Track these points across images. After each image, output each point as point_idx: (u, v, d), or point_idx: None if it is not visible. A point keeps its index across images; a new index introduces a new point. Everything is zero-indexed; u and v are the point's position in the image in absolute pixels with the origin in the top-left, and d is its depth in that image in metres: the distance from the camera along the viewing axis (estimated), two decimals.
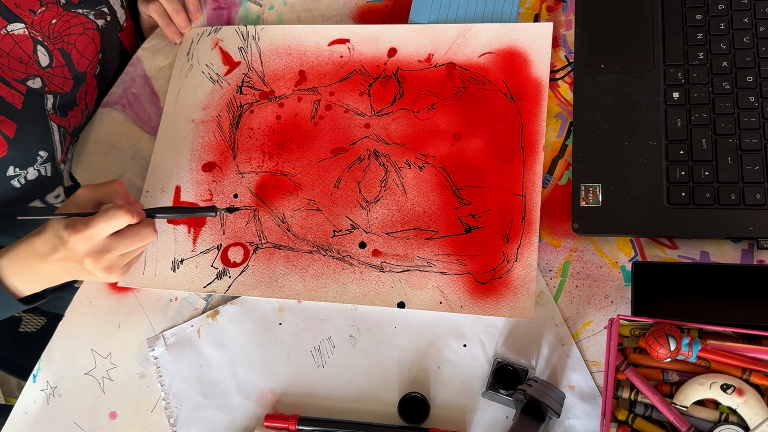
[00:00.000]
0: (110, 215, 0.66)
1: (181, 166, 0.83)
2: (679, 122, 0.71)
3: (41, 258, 0.69)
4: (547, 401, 0.61)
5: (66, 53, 0.80)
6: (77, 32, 0.81)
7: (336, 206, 0.77)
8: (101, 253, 0.68)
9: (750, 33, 0.72)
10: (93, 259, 0.68)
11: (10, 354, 1.00)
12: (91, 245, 0.67)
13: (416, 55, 0.82)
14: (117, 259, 0.69)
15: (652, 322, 0.60)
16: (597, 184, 0.71)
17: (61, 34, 0.78)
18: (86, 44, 0.83)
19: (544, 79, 0.77)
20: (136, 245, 0.69)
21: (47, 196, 0.83)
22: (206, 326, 0.75)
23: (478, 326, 0.70)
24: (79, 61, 0.82)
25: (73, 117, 0.84)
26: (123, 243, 0.68)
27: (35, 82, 0.77)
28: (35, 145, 0.78)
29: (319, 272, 0.74)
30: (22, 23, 0.75)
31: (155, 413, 0.74)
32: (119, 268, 0.71)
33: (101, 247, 0.67)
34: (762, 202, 0.66)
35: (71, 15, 0.80)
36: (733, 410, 0.58)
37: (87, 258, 0.68)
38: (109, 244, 0.68)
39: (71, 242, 0.66)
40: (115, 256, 0.69)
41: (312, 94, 0.83)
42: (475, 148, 0.76)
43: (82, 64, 0.83)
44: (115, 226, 0.67)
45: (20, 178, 0.77)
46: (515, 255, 0.71)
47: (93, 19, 0.83)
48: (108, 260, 0.68)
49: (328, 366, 0.72)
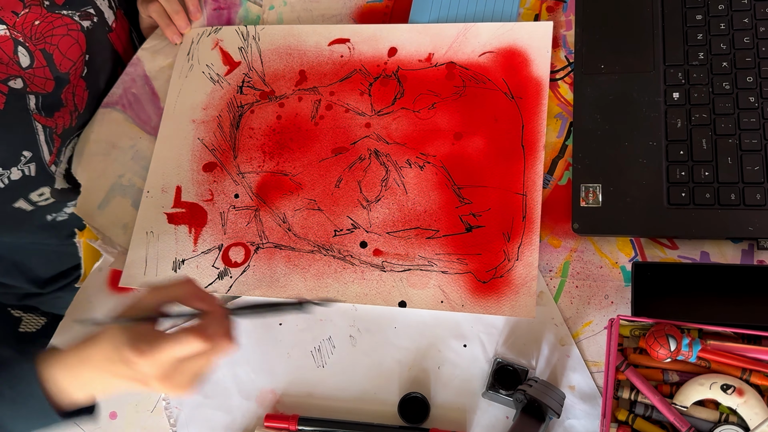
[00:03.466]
0: (181, 340, 0.57)
1: (181, 167, 0.83)
2: (679, 122, 0.71)
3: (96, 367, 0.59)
4: (547, 401, 0.61)
5: (48, 54, 0.80)
6: (60, 33, 0.81)
7: (337, 206, 0.77)
8: (171, 376, 0.58)
9: (750, 33, 0.72)
10: (161, 381, 0.58)
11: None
12: (160, 369, 0.58)
13: (416, 54, 0.82)
14: (190, 377, 0.59)
15: (652, 323, 0.61)
16: (597, 184, 0.71)
17: (43, 35, 0.78)
18: (70, 45, 0.83)
19: (544, 78, 0.77)
20: (213, 358, 0.59)
21: (30, 195, 0.83)
22: None
23: (478, 326, 0.70)
24: (61, 62, 0.82)
25: (60, 118, 0.84)
26: (197, 363, 0.59)
27: (16, 82, 0.77)
28: (18, 145, 0.78)
29: (321, 272, 0.74)
30: (3, 25, 0.75)
31: (155, 413, 0.74)
32: (191, 383, 0.60)
33: (172, 369, 0.58)
34: (762, 202, 0.66)
35: (55, 16, 0.80)
36: (733, 410, 0.58)
37: (155, 381, 0.58)
38: (180, 364, 0.58)
39: (138, 365, 0.57)
40: (188, 374, 0.59)
41: (312, 94, 0.83)
42: (475, 147, 0.76)
43: (64, 65, 0.83)
44: (186, 351, 0.57)
45: (3, 178, 0.77)
46: (516, 254, 0.71)
47: (78, 20, 0.83)
48: (179, 380, 0.59)
49: (328, 366, 0.72)
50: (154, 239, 0.80)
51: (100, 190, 0.85)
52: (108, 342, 0.58)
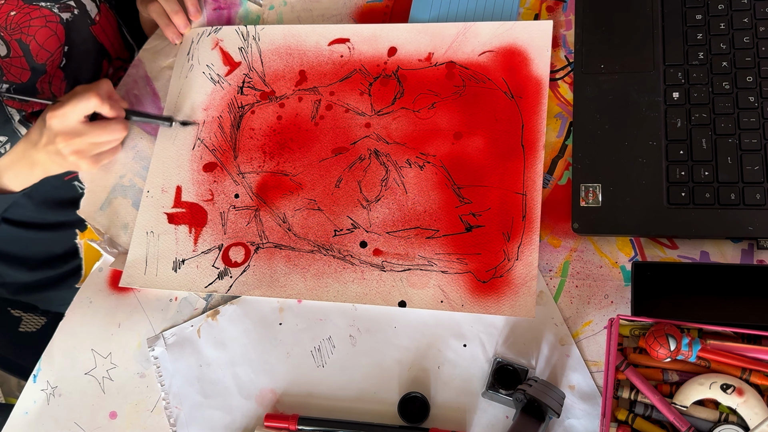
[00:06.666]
0: (82, 96, 0.74)
1: (182, 167, 0.83)
2: (679, 122, 0.71)
3: (34, 146, 0.77)
4: (547, 401, 0.61)
5: (24, 44, 0.81)
6: (38, 24, 0.82)
7: (337, 206, 0.77)
8: (72, 135, 0.75)
9: (750, 33, 0.72)
10: (64, 139, 0.75)
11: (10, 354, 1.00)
12: (64, 125, 0.74)
13: (416, 54, 0.82)
14: (87, 146, 0.76)
15: (652, 322, 0.61)
16: (597, 184, 0.71)
17: (20, 26, 0.80)
18: (47, 37, 0.83)
19: (544, 78, 0.77)
20: (105, 136, 0.77)
21: None
22: (206, 326, 0.76)
23: (478, 326, 0.70)
24: (38, 53, 0.83)
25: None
26: (93, 130, 0.76)
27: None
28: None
29: (321, 272, 0.74)
30: None
31: (155, 413, 0.74)
32: (89, 157, 0.78)
33: (73, 129, 0.75)
34: (762, 202, 0.66)
35: (32, 8, 0.81)
36: (733, 410, 0.58)
37: (59, 137, 0.74)
38: (81, 128, 0.75)
39: (48, 121, 0.74)
40: (86, 142, 0.76)
41: (312, 94, 0.83)
42: (475, 147, 0.76)
43: (41, 56, 0.83)
44: (85, 107, 0.74)
45: None
46: (516, 253, 0.71)
47: (57, 12, 0.84)
48: (78, 144, 0.75)
49: (328, 366, 0.72)
50: (155, 239, 0.80)
51: (102, 191, 0.85)
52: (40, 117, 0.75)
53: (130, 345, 0.77)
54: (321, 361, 0.72)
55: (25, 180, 0.82)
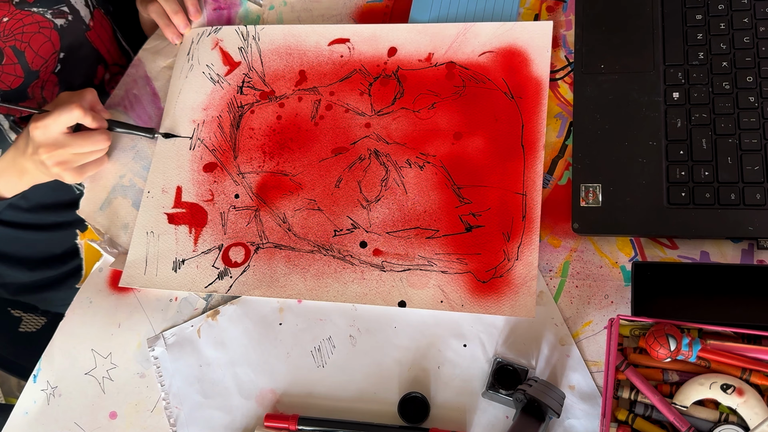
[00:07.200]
0: (65, 108, 0.73)
1: (182, 167, 0.83)
2: (679, 122, 0.71)
3: (22, 154, 0.77)
4: (547, 401, 0.61)
5: (19, 51, 0.81)
6: (32, 31, 0.82)
7: (337, 206, 0.77)
8: (55, 146, 0.75)
9: (750, 33, 0.72)
10: (47, 150, 0.75)
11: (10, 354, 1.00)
12: (46, 136, 0.74)
13: (416, 54, 0.82)
14: (70, 157, 0.76)
15: (652, 322, 0.61)
16: (597, 184, 0.71)
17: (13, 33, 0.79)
18: (42, 43, 0.83)
19: (544, 78, 0.77)
20: (87, 146, 0.77)
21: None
22: (206, 326, 0.76)
23: (478, 326, 0.70)
24: (33, 59, 0.83)
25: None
26: (76, 141, 0.76)
27: None
28: None
29: (320, 272, 0.74)
30: None
31: (155, 413, 0.74)
32: (72, 168, 0.78)
33: (55, 141, 0.74)
34: (762, 202, 0.66)
35: (25, 14, 0.81)
36: (733, 410, 0.58)
37: (41, 148, 0.74)
38: (64, 140, 0.75)
39: (31, 132, 0.74)
40: (68, 153, 0.76)
41: (312, 94, 0.83)
42: (475, 147, 0.76)
43: (36, 63, 0.84)
44: (67, 118, 0.74)
45: None
46: (516, 253, 0.71)
47: (50, 18, 0.83)
48: (61, 155, 0.75)
49: (328, 366, 0.72)
50: (155, 239, 0.80)
51: (102, 191, 0.85)
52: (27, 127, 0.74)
53: (130, 345, 0.77)
54: (321, 361, 0.72)
55: (15, 187, 0.83)
